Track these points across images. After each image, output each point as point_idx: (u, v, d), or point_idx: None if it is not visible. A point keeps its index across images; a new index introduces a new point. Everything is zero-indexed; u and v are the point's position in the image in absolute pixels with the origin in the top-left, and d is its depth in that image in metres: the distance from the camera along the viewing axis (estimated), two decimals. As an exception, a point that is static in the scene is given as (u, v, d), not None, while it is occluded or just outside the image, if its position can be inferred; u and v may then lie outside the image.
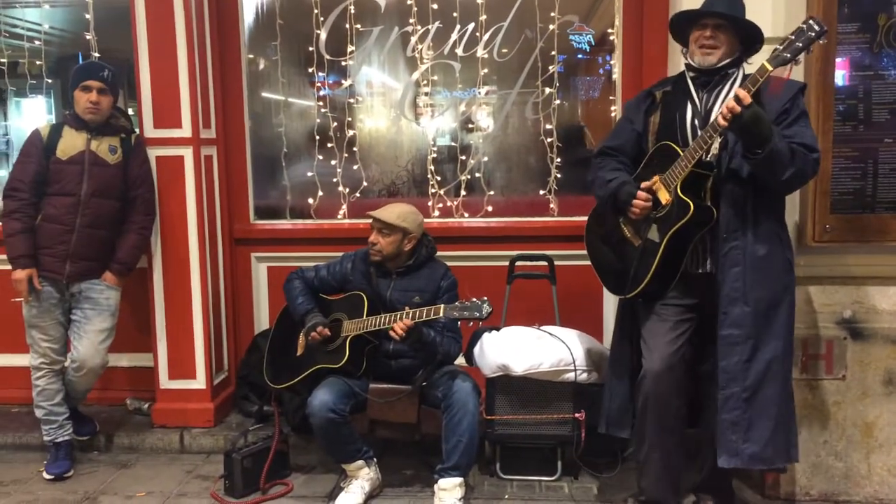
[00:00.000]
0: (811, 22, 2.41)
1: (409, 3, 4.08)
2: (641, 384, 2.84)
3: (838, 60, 3.08)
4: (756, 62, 2.83)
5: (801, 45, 2.41)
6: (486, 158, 4.22)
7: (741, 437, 2.70)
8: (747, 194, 2.66)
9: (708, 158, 2.69)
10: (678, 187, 2.66)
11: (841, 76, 3.10)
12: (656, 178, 2.74)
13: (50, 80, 4.36)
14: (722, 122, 2.50)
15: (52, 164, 3.48)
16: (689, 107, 2.80)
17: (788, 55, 2.43)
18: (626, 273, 2.86)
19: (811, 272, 3.14)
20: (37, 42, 4.32)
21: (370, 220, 3.34)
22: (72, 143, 3.50)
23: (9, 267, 3.49)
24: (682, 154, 2.65)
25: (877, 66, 3.09)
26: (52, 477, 3.55)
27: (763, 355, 2.70)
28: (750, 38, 2.75)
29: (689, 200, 2.63)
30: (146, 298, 3.95)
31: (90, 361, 3.55)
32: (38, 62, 4.32)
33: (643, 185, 2.75)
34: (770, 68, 2.44)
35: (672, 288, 2.81)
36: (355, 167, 4.24)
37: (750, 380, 2.69)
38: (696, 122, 2.76)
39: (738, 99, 2.46)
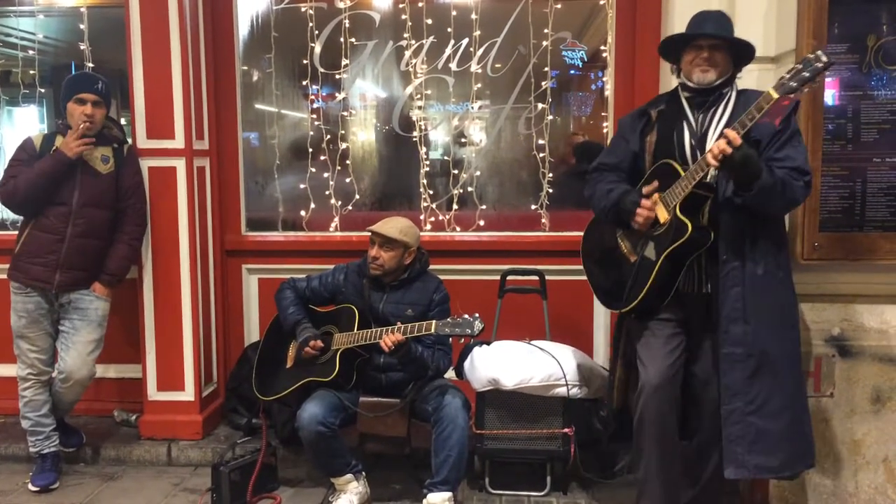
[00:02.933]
0: (819, 53, 2.40)
1: (403, 17, 4.11)
2: (638, 399, 2.84)
3: (828, 80, 3.11)
4: (745, 74, 2.87)
5: (807, 74, 2.40)
6: (478, 173, 4.24)
7: (746, 449, 2.71)
8: (746, 216, 2.67)
9: (708, 179, 2.69)
10: (677, 207, 2.66)
11: (830, 95, 3.13)
12: (656, 195, 2.74)
13: (43, 90, 4.35)
14: (713, 161, 2.51)
15: (43, 173, 3.47)
16: (686, 127, 2.81)
17: (795, 84, 2.41)
18: (621, 288, 2.86)
19: (800, 290, 3.14)
20: (30, 51, 4.32)
21: (369, 235, 3.34)
22: (64, 152, 3.50)
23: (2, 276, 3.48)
24: (682, 174, 2.66)
25: (866, 86, 3.12)
26: (37, 489, 3.52)
27: (766, 371, 2.71)
28: (741, 55, 2.78)
29: (686, 221, 2.63)
30: (135, 309, 3.93)
31: (77, 373, 3.53)
32: (31, 71, 4.31)
33: (645, 189, 2.75)
34: (775, 96, 2.43)
35: (665, 305, 2.81)
36: (348, 180, 4.25)
37: (752, 394, 2.70)
38: (693, 141, 2.77)
39: (728, 140, 2.47)
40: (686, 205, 2.67)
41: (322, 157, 4.24)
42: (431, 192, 4.23)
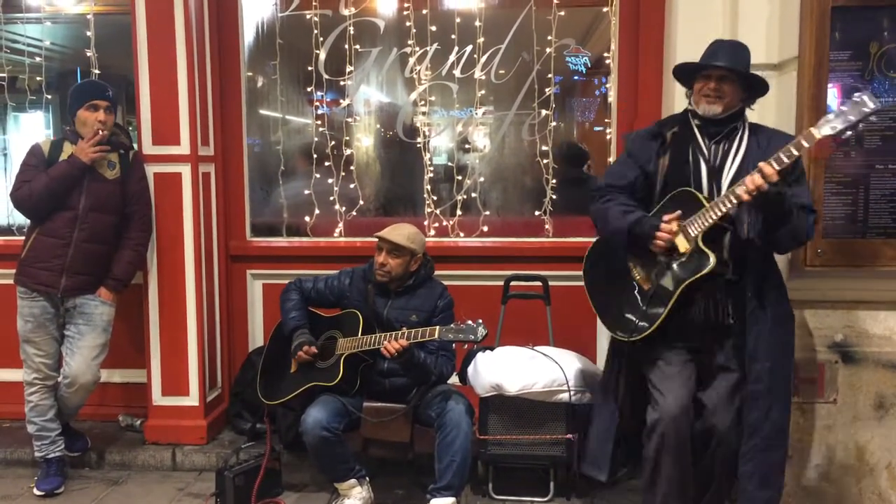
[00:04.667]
0: (864, 97, 2.41)
1: (407, 24, 4.13)
2: (655, 428, 2.78)
3: (830, 86, 3.12)
4: (758, 105, 2.86)
5: (853, 118, 2.40)
6: (482, 179, 4.25)
7: (757, 486, 2.73)
8: (769, 252, 2.69)
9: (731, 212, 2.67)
10: (699, 238, 2.65)
11: (833, 102, 3.14)
12: (676, 223, 2.70)
13: (49, 96, 4.38)
14: (745, 196, 2.51)
15: (51, 178, 3.50)
16: (700, 156, 2.78)
17: (840, 126, 2.42)
18: (632, 315, 2.82)
19: (803, 296, 3.16)
20: (37, 58, 4.34)
21: (375, 241, 3.34)
22: (71, 157, 3.52)
23: (3, 282, 3.48)
24: (706, 205, 2.64)
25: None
26: (42, 493, 3.53)
27: (777, 406, 2.73)
28: (753, 86, 2.76)
29: (710, 253, 2.62)
30: (140, 314, 3.95)
31: (82, 377, 3.54)
32: (37, 77, 4.34)
33: (667, 217, 2.70)
34: (818, 136, 2.44)
35: (676, 333, 2.79)
36: (352, 186, 4.27)
37: (766, 431, 2.72)
38: (709, 173, 2.75)
39: (764, 175, 2.47)
40: (707, 236, 2.65)
41: (326, 163, 4.25)
42: (435, 198, 4.25)
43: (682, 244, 2.67)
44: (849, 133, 2.46)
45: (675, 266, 2.72)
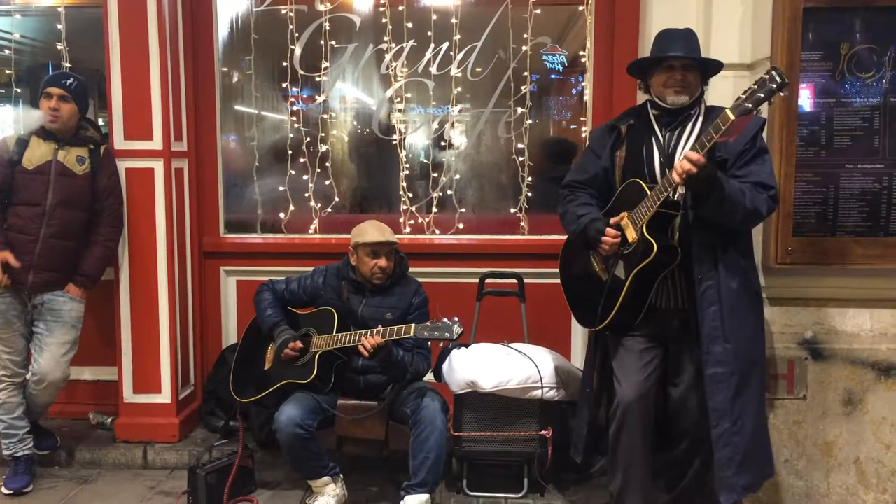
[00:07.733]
0: (773, 73, 2.44)
1: (383, 21, 4.11)
2: (615, 415, 2.86)
3: (802, 87, 3.16)
4: (721, 81, 2.91)
5: (762, 95, 2.44)
6: (458, 176, 4.25)
7: (734, 472, 2.73)
8: (715, 232, 2.69)
9: (675, 198, 2.71)
10: (644, 226, 2.68)
11: (805, 102, 3.18)
12: (624, 214, 2.76)
13: (19, 90, 4.31)
14: (677, 179, 2.54)
15: (17, 174, 3.45)
16: (654, 144, 2.83)
17: (750, 105, 2.45)
18: (594, 306, 2.88)
19: (774, 293, 3.20)
20: (7, 51, 4.27)
21: (368, 249, 3.28)
22: (39, 152, 3.47)
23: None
24: (649, 193, 2.68)
25: (839, 94, 3.17)
26: (11, 492, 3.48)
27: (746, 388, 2.75)
28: (708, 71, 2.82)
29: (652, 240, 2.66)
30: (111, 310, 3.90)
31: (51, 375, 3.50)
32: (7, 71, 4.27)
33: (612, 221, 2.78)
34: (732, 117, 2.47)
35: (640, 321, 2.83)
36: (327, 182, 4.25)
37: (735, 414, 2.73)
38: (662, 159, 2.79)
39: (692, 161, 2.49)
40: (653, 223, 2.69)
41: (302, 160, 4.23)
42: (411, 195, 4.24)
43: (631, 234, 2.73)
44: (759, 108, 2.50)
45: (625, 256, 2.78)
